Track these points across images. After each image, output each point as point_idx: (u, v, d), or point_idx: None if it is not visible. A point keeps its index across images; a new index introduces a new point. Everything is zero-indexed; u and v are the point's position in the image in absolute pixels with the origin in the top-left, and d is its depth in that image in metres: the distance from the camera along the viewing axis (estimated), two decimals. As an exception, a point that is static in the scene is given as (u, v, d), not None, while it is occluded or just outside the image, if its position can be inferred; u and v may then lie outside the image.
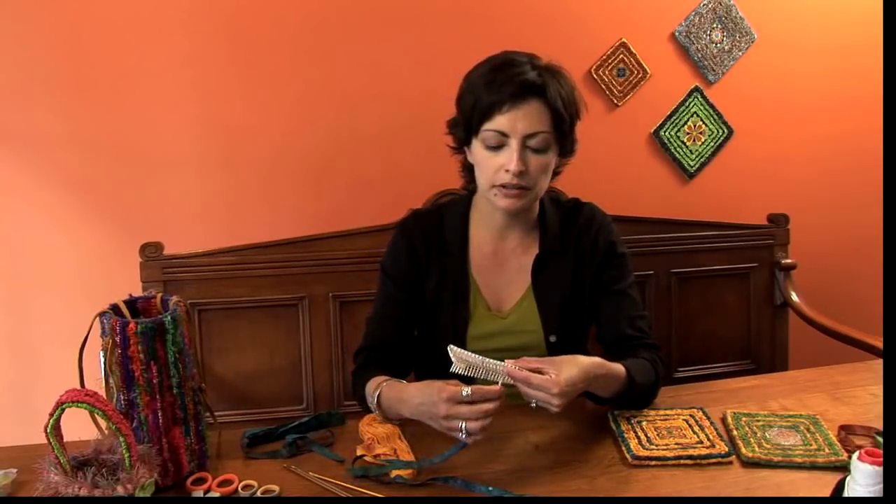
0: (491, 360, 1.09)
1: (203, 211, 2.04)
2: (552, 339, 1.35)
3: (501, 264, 1.38)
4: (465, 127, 1.29)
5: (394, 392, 1.20)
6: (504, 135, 1.23)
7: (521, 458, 1.13)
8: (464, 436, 1.06)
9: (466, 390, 1.05)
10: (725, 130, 2.32)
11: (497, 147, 1.24)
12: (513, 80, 1.21)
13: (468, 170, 1.37)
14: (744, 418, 1.23)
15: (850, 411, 1.27)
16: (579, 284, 1.37)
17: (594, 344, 1.43)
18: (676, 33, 2.22)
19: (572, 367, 1.09)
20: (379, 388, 1.21)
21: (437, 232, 1.38)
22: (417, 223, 1.41)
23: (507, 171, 1.22)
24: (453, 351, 1.09)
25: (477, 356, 1.09)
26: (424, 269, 1.37)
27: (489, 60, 1.28)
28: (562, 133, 1.26)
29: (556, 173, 1.35)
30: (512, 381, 1.08)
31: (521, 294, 1.37)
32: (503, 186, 1.25)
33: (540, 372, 1.08)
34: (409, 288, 1.37)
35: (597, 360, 1.15)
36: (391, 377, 1.24)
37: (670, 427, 1.20)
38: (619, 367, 1.19)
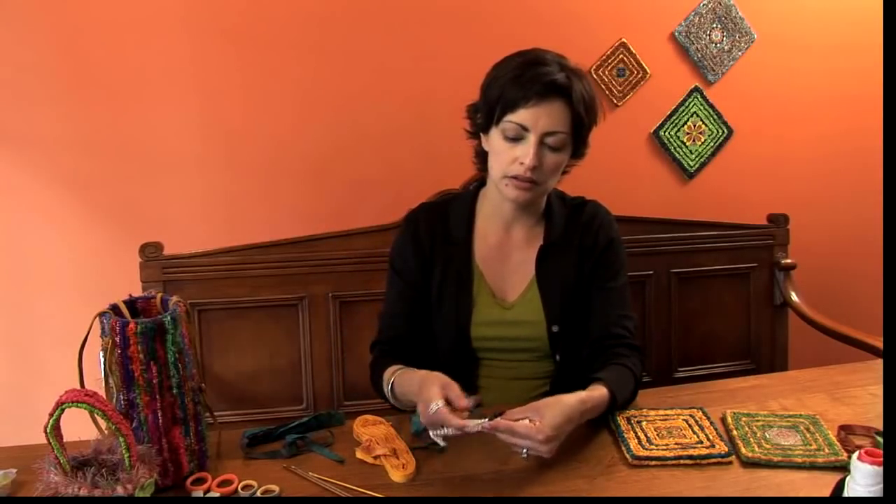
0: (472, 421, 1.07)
1: (203, 211, 2.04)
2: (554, 328, 1.36)
3: (506, 256, 1.40)
4: (486, 114, 1.31)
5: (405, 381, 1.24)
6: (525, 128, 1.25)
7: (521, 459, 1.13)
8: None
9: (434, 406, 1.07)
10: (725, 130, 2.32)
11: (515, 139, 1.27)
12: (541, 77, 1.24)
13: (480, 156, 1.40)
14: (744, 418, 1.23)
15: (850, 411, 1.27)
16: (581, 277, 1.39)
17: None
18: (676, 33, 2.22)
19: (555, 412, 1.09)
20: (392, 376, 1.27)
21: (442, 223, 1.41)
22: (423, 214, 1.44)
23: (521, 163, 1.26)
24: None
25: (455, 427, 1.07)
26: (429, 258, 1.39)
27: (520, 55, 1.30)
28: (578, 135, 1.30)
29: (563, 173, 1.36)
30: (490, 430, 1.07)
31: (524, 285, 1.38)
32: (515, 178, 1.27)
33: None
34: (417, 280, 1.39)
35: (581, 396, 1.15)
36: (404, 366, 1.28)
37: (670, 427, 1.20)
38: (602, 395, 1.19)
